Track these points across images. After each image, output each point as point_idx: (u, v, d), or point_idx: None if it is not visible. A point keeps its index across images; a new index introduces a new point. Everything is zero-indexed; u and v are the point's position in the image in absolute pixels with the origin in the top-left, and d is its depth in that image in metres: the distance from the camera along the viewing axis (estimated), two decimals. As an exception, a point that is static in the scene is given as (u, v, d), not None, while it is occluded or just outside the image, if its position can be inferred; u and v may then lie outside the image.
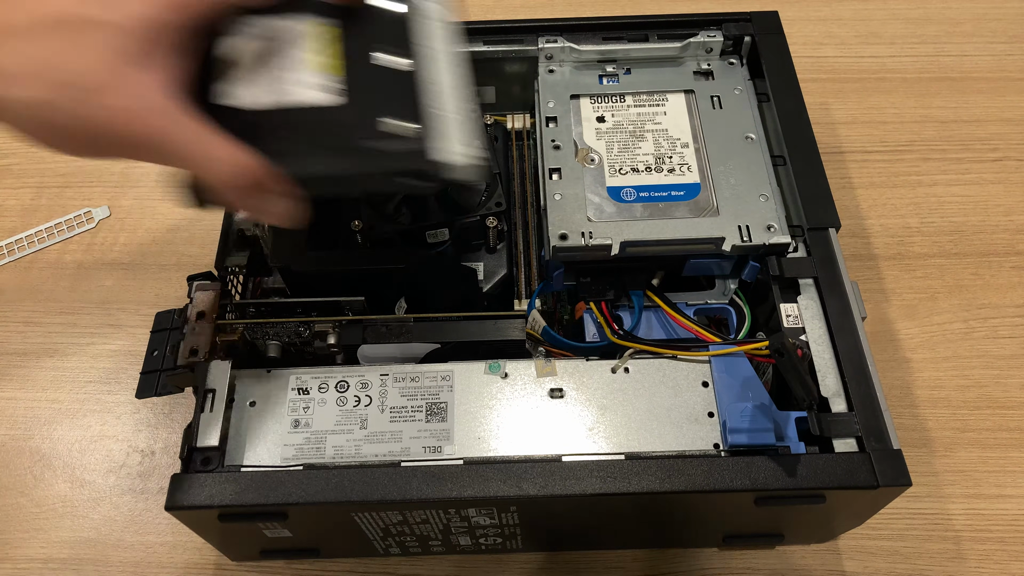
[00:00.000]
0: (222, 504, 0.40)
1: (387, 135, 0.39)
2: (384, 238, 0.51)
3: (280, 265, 0.48)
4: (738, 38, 0.57)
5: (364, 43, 0.43)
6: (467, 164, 0.40)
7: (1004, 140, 0.71)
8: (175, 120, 0.33)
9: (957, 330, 0.61)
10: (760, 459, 0.41)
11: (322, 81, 0.40)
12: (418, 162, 0.39)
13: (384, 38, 0.43)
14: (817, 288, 0.47)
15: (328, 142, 0.39)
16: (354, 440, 0.43)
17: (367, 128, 0.39)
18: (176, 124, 0.33)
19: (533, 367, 0.45)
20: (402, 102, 0.41)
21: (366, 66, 0.42)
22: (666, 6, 0.80)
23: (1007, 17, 0.80)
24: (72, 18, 0.31)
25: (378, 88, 0.41)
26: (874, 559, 0.52)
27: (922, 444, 0.56)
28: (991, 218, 0.67)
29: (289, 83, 0.40)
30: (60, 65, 0.31)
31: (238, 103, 0.40)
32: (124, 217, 0.69)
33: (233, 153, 0.35)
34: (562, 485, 0.40)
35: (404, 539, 0.47)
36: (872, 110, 0.74)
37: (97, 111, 0.32)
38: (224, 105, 0.39)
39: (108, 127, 0.32)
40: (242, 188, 0.35)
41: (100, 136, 0.32)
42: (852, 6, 0.82)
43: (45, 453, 0.58)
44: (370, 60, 0.42)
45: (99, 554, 0.54)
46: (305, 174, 0.39)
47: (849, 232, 0.66)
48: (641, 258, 0.48)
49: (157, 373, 0.47)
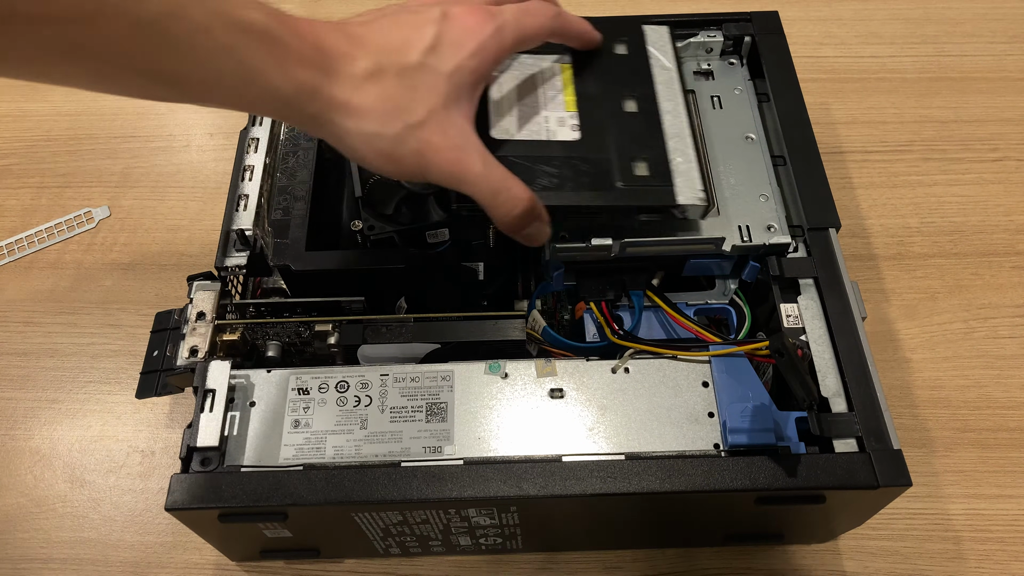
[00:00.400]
0: (222, 504, 0.40)
1: (641, 177, 0.45)
2: (384, 238, 0.51)
3: (280, 265, 0.48)
4: (738, 38, 0.57)
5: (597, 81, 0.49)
6: (701, 205, 0.45)
7: (1004, 140, 0.71)
8: (483, 158, 0.39)
9: (957, 330, 0.61)
10: (760, 459, 0.41)
11: (568, 118, 0.46)
12: (666, 200, 0.44)
13: (616, 77, 0.49)
14: (817, 288, 0.47)
15: (589, 181, 0.44)
16: (354, 440, 0.43)
17: (625, 171, 0.45)
18: (484, 162, 0.39)
19: (533, 367, 0.45)
20: (648, 144, 0.46)
21: (602, 104, 0.48)
22: (666, 6, 0.80)
23: (1007, 17, 0.80)
24: (415, 66, 0.38)
25: (622, 129, 0.47)
26: (874, 559, 0.52)
27: (922, 444, 0.56)
28: (991, 218, 0.67)
29: (544, 120, 0.46)
30: (398, 104, 0.37)
31: (510, 137, 0.45)
32: (124, 217, 0.69)
33: (525, 191, 0.40)
34: (562, 485, 0.40)
35: (404, 539, 0.47)
36: (872, 110, 0.74)
37: (416, 142, 0.37)
38: (495, 139, 0.45)
39: (420, 156, 0.38)
40: (524, 219, 0.41)
41: (414, 163, 0.38)
42: (852, 6, 0.82)
43: (45, 453, 0.58)
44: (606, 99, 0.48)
45: (99, 554, 0.54)
46: (563, 205, 0.44)
47: (849, 232, 0.66)
48: (641, 258, 0.48)
49: (157, 373, 0.47)
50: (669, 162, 0.45)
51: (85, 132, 0.74)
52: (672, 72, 0.50)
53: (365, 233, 0.51)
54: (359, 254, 0.51)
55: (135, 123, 0.75)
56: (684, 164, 0.46)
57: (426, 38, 0.38)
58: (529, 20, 0.42)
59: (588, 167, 0.45)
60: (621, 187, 0.44)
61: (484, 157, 0.39)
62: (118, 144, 0.73)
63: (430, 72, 0.38)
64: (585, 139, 0.46)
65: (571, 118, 0.46)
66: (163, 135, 0.74)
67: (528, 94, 0.47)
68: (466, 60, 0.39)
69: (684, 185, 0.45)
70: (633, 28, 0.52)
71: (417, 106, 0.37)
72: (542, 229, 0.42)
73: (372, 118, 0.37)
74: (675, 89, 0.49)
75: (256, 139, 0.54)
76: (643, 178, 0.45)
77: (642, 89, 0.48)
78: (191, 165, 0.72)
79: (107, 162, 0.72)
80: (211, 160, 0.72)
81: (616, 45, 0.50)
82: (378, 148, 0.38)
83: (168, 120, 0.75)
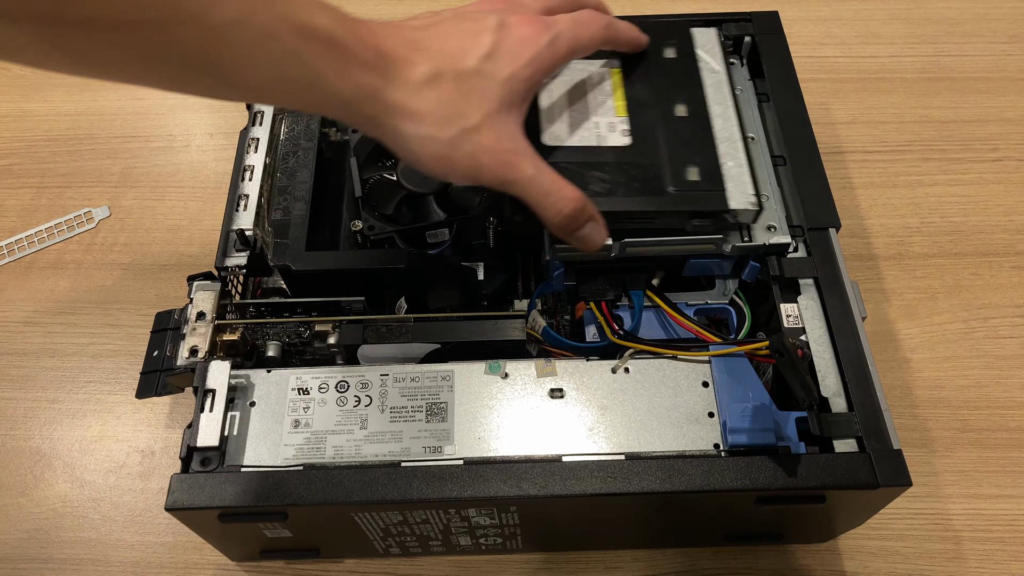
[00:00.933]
0: (222, 504, 0.40)
1: (693, 182, 0.45)
2: (384, 238, 0.51)
3: (280, 265, 0.48)
4: (738, 38, 0.57)
5: (647, 85, 0.49)
6: (753, 209, 0.45)
7: (1004, 140, 0.71)
8: (534, 162, 0.40)
9: (957, 330, 0.61)
10: (760, 459, 0.41)
11: (619, 123, 0.47)
12: (718, 205, 0.45)
13: (666, 81, 0.49)
14: (817, 288, 0.47)
15: (641, 186, 0.45)
16: (354, 440, 0.43)
17: (677, 176, 0.45)
18: (535, 166, 0.40)
19: (533, 367, 0.45)
20: (699, 149, 0.46)
21: (652, 109, 0.48)
22: (666, 6, 0.80)
23: (1007, 17, 0.80)
24: (472, 73, 0.38)
25: (672, 133, 0.47)
26: (874, 559, 0.52)
27: (922, 444, 0.56)
28: (991, 218, 0.67)
29: (595, 125, 0.47)
30: (454, 109, 0.38)
31: (561, 143, 0.46)
32: (124, 217, 0.69)
33: (574, 191, 0.41)
34: (562, 485, 0.40)
35: (404, 539, 0.47)
36: (872, 110, 0.74)
37: (471, 146, 0.38)
38: (547, 145, 0.46)
39: (474, 159, 0.39)
40: (575, 219, 0.42)
41: (467, 166, 0.39)
42: (852, 6, 0.82)
43: (45, 453, 0.58)
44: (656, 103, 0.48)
45: (99, 554, 0.54)
46: (617, 210, 0.44)
47: (849, 232, 0.66)
48: (641, 258, 0.48)
49: (157, 373, 0.47)
50: (720, 166, 0.46)
51: (85, 132, 0.74)
52: (721, 75, 0.50)
53: (365, 233, 0.51)
54: (359, 254, 0.51)
55: (135, 123, 0.75)
56: (735, 168, 0.46)
57: (484, 45, 0.39)
58: (583, 30, 0.43)
59: (639, 172, 0.45)
60: (673, 192, 0.45)
61: (535, 161, 0.40)
62: (118, 144, 0.73)
63: (486, 78, 0.39)
64: (636, 144, 0.46)
65: (621, 123, 0.47)
66: (163, 135, 0.74)
67: (578, 100, 0.48)
68: (521, 69, 0.40)
69: (736, 189, 0.45)
70: (682, 31, 0.52)
71: (472, 111, 0.38)
72: (597, 230, 0.43)
73: (429, 122, 0.38)
74: (724, 92, 0.49)
75: (256, 139, 0.54)
76: (695, 183, 0.45)
77: (692, 93, 0.49)
78: (191, 165, 0.72)
79: (107, 162, 0.72)
80: (211, 160, 0.72)
81: (665, 49, 0.51)
82: (433, 151, 0.38)
83: (168, 120, 0.75)
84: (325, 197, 0.55)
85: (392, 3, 0.84)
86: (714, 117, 0.48)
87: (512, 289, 0.54)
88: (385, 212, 0.53)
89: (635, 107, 0.48)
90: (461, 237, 0.52)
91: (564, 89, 0.48)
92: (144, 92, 0.77)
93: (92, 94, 0.76)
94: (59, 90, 0.77)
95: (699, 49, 0.51)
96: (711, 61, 0.50)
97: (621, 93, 0.48)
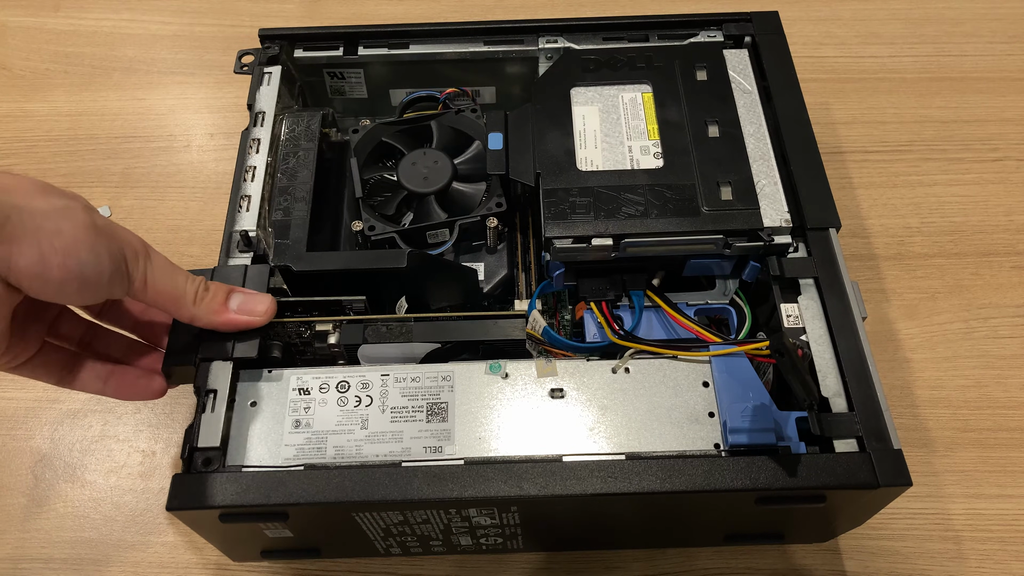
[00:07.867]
0: (223, 504, 0.40)
1: (727, 202, 0.46)
2: (385, 238, 0.51)
3: (281, 266, 0.48)
4: (738, 38, 0.57)
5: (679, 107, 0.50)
6: (787, 226, 0.46)
7: (1004, 140, 0.71)
8: None
9: (957, 330, 0.61)
10: (760, 459, 0.41)
11: (651, 146, 0.48)
12: (753, 224, 0.46)
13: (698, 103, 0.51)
14: (817, 288, 0.47)
15: (675, 207, 0.46)
16: (355, 440, 0.43)
17: (711, 196, 0.46)
18: None
19: (533, 367, 0.45)
20: (733, 169, 0.48)
21: (684, 130, 0.49)
22: (666, 6, 0.80)
23: (1007, 17, 0.80)
24: None
25: (705, 154, 0.48)
26: (874, 559, 0.52)
27: (922, 444, 0.56)
28: (991, 218, 0.67)
29: (628, 149, 0.48)
30: None
31: (595, 168, 0.48)
32: (124, 217, 0.69)
33: None
34: (563, 485, 0.40)
35: (405, 539, 0.47)
36: (872, 110, 0.74)
37: None
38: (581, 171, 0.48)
39: None
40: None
41: None
42: (852, 6, 0.82)
43: (46, 453, 0.58)
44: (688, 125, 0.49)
45: (99, 554, 0.54)
46: (652, 231, 0.46)
47: (849, 232, 0.66)
48: (641, 258, 0.48)
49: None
50: (754, 185, 0.47)
51: (85, 132, 0.74)
52: (753, 95, 0.51)
53: (366, 233, 0.51)
54: (360, 254, 0.51)
55: (136, 123, 0.75)
56: (769, 187, 0.47)
57: None
58: None
59: (673, 194, 0.46)
60: (707, 212, 0.46)
61: None
62: (119, 144, 0.73)
63: None
64: (669, 166, 0.48)
65: (654, 146, 0.48)
66: (164, 135, 0.74)
67: (611, 124, 0.50)
68: None
69: (770, 207, 0.46)
70: (714, 54, 0.53)
71: None
72: None
73: None
74: (757, 112, 0.50)
75: (257, 139, 0.54)
76: (729, 202, 0.46)
77: (724, 114, 0.50)
78: (191, 165, 0.72)
79: (108, 162, 0.72)
80: (211, 160, 0.72)
81: (697, 71, 0.52)
82: None
83: (168, 120, 0.75)
84: (326, 197, 0.55)
85: (392, 3, 0.84)
86: (747, 137, 0.49)
87: (512, 289, 0.54)
88: (386, 212, 0.53)
89: (667, 129, 0.49)
90: (461, 237, 0.52)
91: (597, 115, 0.50)
92: (144, 92, 0.77)
93: (92, 95, 0.77)
94: (60, 90, 0.77)
95: (731, 71, 0.53)
96: (743, 82, 0.51)
97: (653, 116, 0.50)
